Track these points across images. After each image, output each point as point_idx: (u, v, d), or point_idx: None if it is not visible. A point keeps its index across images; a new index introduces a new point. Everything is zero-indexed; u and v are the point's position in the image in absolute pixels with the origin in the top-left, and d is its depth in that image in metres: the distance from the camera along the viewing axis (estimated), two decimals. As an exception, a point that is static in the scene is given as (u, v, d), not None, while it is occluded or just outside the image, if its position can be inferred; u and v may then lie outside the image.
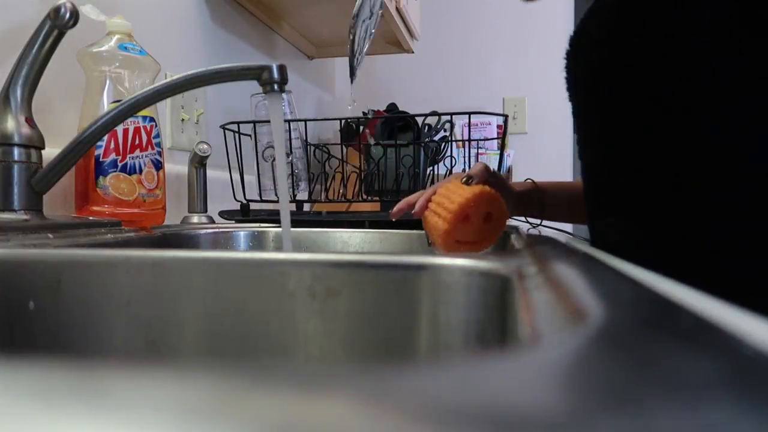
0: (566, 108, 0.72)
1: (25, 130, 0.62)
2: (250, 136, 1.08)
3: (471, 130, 1.10)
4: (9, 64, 0.63)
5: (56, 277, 0.42)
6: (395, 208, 0.69)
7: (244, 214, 1.01)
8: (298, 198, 1.10)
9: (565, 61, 0.68)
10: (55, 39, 0.62)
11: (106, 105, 0.75)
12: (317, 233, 0.93)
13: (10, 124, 0.61)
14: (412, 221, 0.72)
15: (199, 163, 0.97)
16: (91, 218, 0.70)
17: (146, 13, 1.01)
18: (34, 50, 0.61)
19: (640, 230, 0.55)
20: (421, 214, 0.65)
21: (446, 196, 0.61)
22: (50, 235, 0.56)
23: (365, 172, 1.17)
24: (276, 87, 0.63)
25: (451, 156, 1.11)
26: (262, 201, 1.08)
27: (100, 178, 0.75)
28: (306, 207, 1.13)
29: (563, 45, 0.68)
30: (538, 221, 0.79)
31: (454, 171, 1.08)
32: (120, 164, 0.76)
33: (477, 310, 0.36)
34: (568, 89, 0.67)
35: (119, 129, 0.75)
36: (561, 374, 0.13)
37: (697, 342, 0.15)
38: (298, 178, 1.08)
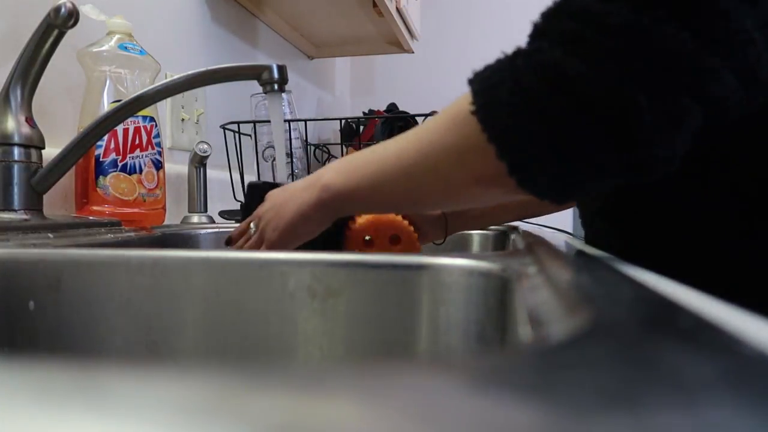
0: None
1: (25, 129, 0.62)
2: (250, 136, 1.08)
3: (471, 130, 1.10)
4: (9, 64, 0.63)
5: (56, 276, 0.42)
6: None
7: (244, 214, 1.01)
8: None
9: None
10: (55, 39, 0.62)
11: (106, 105, 0.75)
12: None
13: (10, 124, 0.61)
14: None
15: (199, 163, 0.97)
16: (91, 218, 0.70)
17: (146, 13, 1.01)
18: (34, 50, 0.61)
19: (625, 236, 0.54)
20: None
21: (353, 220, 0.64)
22: (50, 235, 0.56)
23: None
24: (276, 87, 0.63)
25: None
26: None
27: (100, 177, 0.75)
28: (306, 207, 1.13)
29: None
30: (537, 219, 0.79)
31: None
32: (120, 164, 0.76)
33: (477, 310, 0.36)
34: None
35: (119, 129, 0.75)
36: (561, 374, 0.13)
37: (697, 342, 0.15)
38: (298, 178, 1.08)
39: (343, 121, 1.30)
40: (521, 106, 0.35)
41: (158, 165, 0.81)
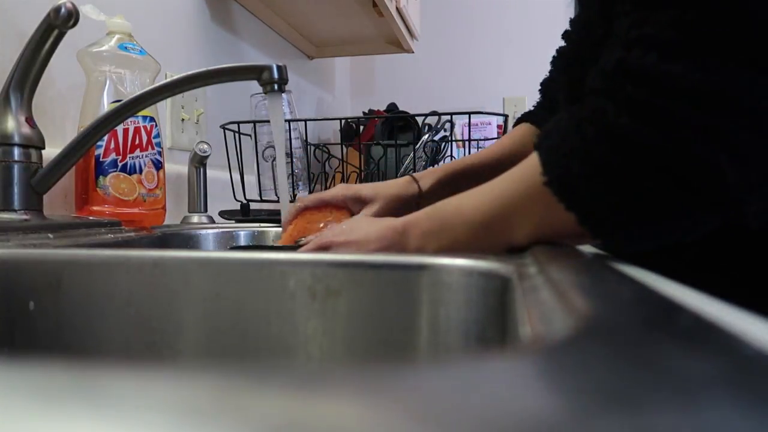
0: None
1: (25, 130, 0.62)
2: (250, 136, 1.08)
3: (471, 129, 1.10)
4: (9, 64, 0.63)
5: (56, 277, 0.42)
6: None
7: (244, 214, 1.01)
8: (298, 198, 1.10)
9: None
10: (55, 39, 0.61)
11: (106, 105, 0.75)
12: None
13: (10, 124, 0.61)
14: None
15: (199, 163, 0.97)
16: (91, 218, 0.70)
17: (146, 13, 1.01)
18: (34, 50, 0.61)
19: None
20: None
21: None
22: (50, 235, 0.56)
23: (365, 172, 1.17)
24: (276, 87, 0.63)
25: (452, 156, 1.11)
26: (262, 201, 1.08)
27: (100, 178, 0.75)
28: (306, 207, 1.13)
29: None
30: None
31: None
32: (120, 164, 0.76)
33: (477, 310, 0.36)
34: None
35: (119, 129, 0.75)
36: (561, 374, 0.13)
37: (697, 342, 0.15)
38: (298, 178, 1.08)
39: (343, 121, 1.30)
40: (596, 178, 0.35)
41: (158, 165, 0.81)
